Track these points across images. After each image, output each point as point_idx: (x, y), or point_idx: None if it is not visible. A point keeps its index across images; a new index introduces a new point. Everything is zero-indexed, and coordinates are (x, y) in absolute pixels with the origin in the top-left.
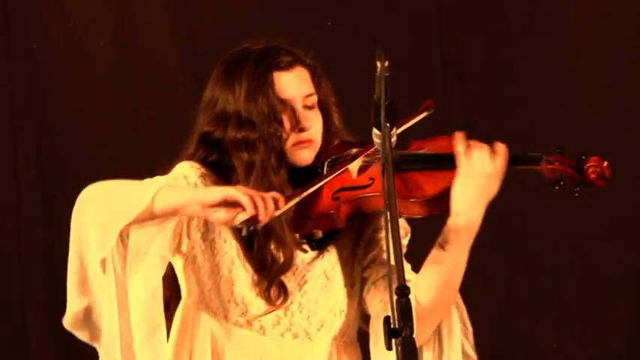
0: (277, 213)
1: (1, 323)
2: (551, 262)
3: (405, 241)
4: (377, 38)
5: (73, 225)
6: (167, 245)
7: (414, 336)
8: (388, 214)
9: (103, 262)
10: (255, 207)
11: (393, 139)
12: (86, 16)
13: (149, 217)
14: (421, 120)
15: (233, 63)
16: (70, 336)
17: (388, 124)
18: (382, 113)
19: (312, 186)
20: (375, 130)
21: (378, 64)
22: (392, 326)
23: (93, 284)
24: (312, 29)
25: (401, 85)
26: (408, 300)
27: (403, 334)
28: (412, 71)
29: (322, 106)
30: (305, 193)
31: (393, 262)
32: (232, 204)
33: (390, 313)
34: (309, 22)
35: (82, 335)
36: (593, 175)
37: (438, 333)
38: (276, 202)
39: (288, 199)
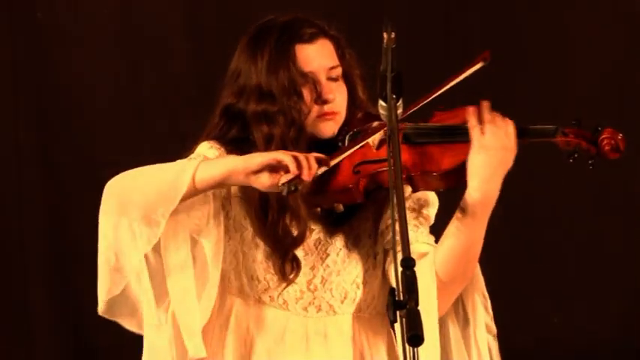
0: (320, 171)
1: (2, 291)
2: (553, 236)
3: (431, 212)
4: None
5: (105, 221)
6: (198, 227)
7: (419, 308)
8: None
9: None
10: (299, 166)
11: (399, 110)
12: None
13: (193, 194)
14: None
15: (257, 35)
16: (69, 304)
17: (394, 96)
18: (388, 85)
19: (352, 147)
20: (380, 102)
21: (385, 35)
22: (397, 298)
23: (127, 271)
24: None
25: (403, 56)
26: (413, 272)
27: (408, 306)
28: (414, 42)
29: (347, 78)
30: (348, 152)
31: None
32: (274, 168)
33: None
34: None
35: (121, 320)
36: (607, 147)
37: (462, 306)
38: (320, 160)
39: (333, 157)
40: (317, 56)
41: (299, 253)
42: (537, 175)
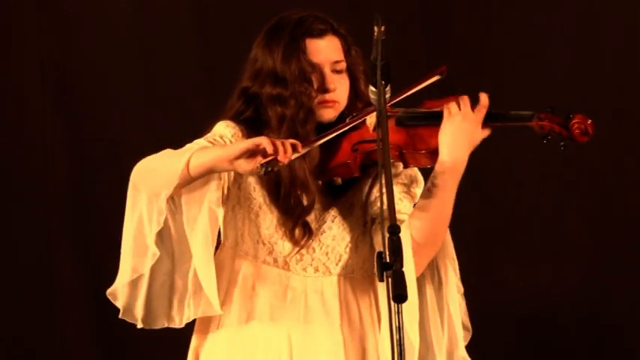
0: (294, 156)
1: (28, 260)
2: (521, 208)
3: (417, 191)
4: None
5: (130, 201)
6: (214, 199)
7: (404, 269)
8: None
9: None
10: (275, 149)
11: (388, 95)
12: None
13: (189, 180)
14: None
15: (274, 27)
16: (94, 265)
17: (383, 82)
18: (378, 72)
19: (327, 135)
20: (371, 87)
21: (376, 28)
22: (384, 260)
23: (152, 251)
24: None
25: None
26: (399, 238)
27: (394, 268)
28: (396, 41)
29: (350, 72)
30: (321, 141)
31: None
32: (254, 153)
33: (382, 250)
34: None
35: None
36: (577, 131)
37: (437, 271)
38: (294, 146)
39: (305, 145)
40: (324, 50)
41: None
42: (511, 159)
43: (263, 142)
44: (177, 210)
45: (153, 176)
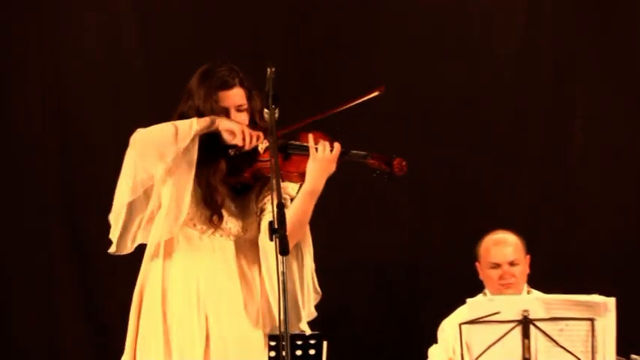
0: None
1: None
2: (362, 194)
3: (293, 192)
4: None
5: (135, 155)
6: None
7: (286, 235)
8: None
9: (168, 170)
10: (243, 138)
11: (276, 115)
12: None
13: (196, 134)
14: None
15: (202, 74)
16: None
17: (273, 106)
18: (270, 100)
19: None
20: (265, 110)
21: (268, 70)
22: (274, 227)
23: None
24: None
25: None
26: (284, 212)
27: (280, 232)
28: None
29: (251, 110)
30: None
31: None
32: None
33: (272, 220)
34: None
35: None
36: (396, 169)
37: (300, 251)
38: (258, 138)
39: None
40: (231, 98)
41: None
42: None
43: (238, 132)
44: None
45: (162, 137)
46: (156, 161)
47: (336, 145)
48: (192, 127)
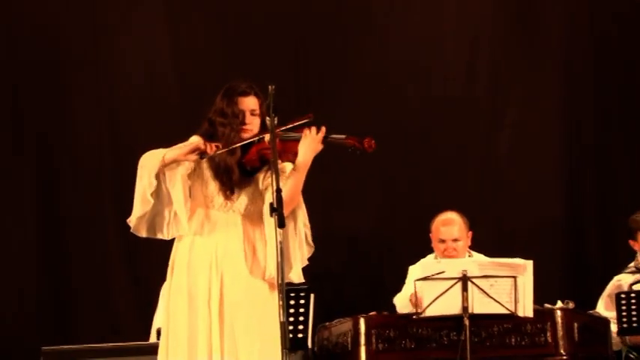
0: (219, 152)
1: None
2: (340, 180)
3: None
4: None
5: (139, 176)
6: (184, 172)
7: (283, 211)
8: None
9: (155, 191)
10: (204, 147)
11: (275, 122)
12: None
13: (165, 165)
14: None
15: (226, 89)
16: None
17: (273, 115)
18: (270, 111)
19: (238, 142)
20: (267, 118)
21: (270, 87)
22: (274, 206)
23: (150, 200)
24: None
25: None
26: (282, 196)
27: (278, 210)
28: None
29: (262, 115)
30: (234, 145)
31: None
32: (196, 149)
33: (272, 201)
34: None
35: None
36: (367, 146)
37: (295, 215)
38: (217, 146)
39: (224, 146)
40: (246, 103)
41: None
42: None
43: (199, 143)
44: (164, 178)
45: (149, 163)
46: (150, 179)
47: (322, 128)
48: (158, 158)
